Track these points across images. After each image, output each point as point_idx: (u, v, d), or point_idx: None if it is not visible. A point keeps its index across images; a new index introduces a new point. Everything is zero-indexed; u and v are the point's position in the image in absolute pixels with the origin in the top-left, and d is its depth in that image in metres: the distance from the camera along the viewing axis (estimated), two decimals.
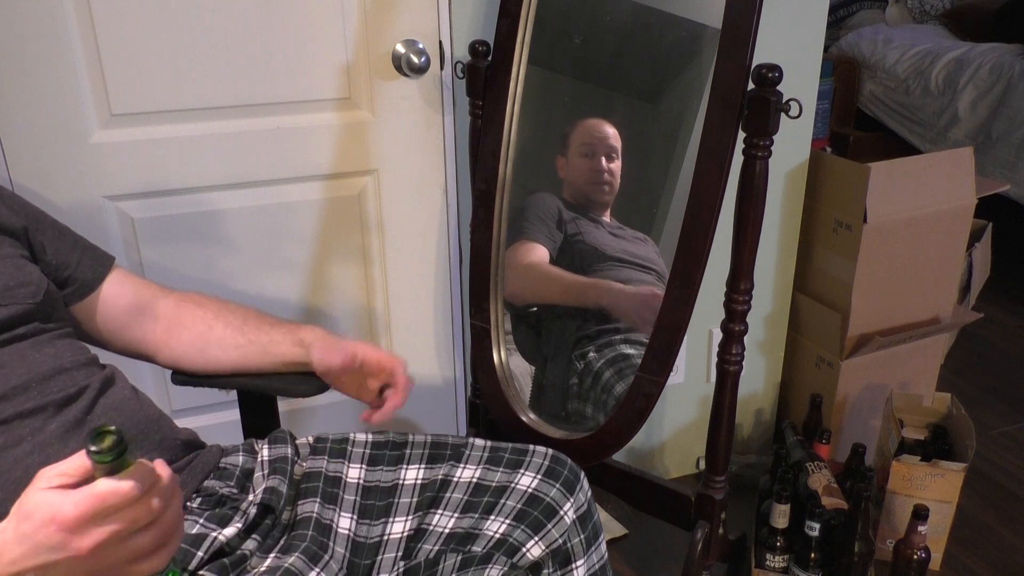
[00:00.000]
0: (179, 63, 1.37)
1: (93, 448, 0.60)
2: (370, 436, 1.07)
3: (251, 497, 0.95)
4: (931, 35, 3.48)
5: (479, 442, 1.06)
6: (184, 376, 1.11)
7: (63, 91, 1.33)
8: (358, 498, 1.00)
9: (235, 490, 0.97)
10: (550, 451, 1.04)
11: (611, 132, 1.43)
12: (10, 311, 0.89)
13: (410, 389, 1.10)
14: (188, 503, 0.93)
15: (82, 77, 1.33)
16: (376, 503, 1.00)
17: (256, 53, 1.41)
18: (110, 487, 0.59)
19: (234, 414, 1.19)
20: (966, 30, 3.48)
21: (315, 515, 0.95)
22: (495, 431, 1.59)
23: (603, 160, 1.43)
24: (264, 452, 1.02)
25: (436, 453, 1.04)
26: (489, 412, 1.56)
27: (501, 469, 1.01)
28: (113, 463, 0.60)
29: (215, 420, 1.62)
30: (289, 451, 1.02)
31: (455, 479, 1.01)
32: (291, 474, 0.99)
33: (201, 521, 0.90)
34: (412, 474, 1.02)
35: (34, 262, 0.99)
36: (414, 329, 1.73)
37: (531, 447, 1.04)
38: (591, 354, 1.45)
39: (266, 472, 0.99)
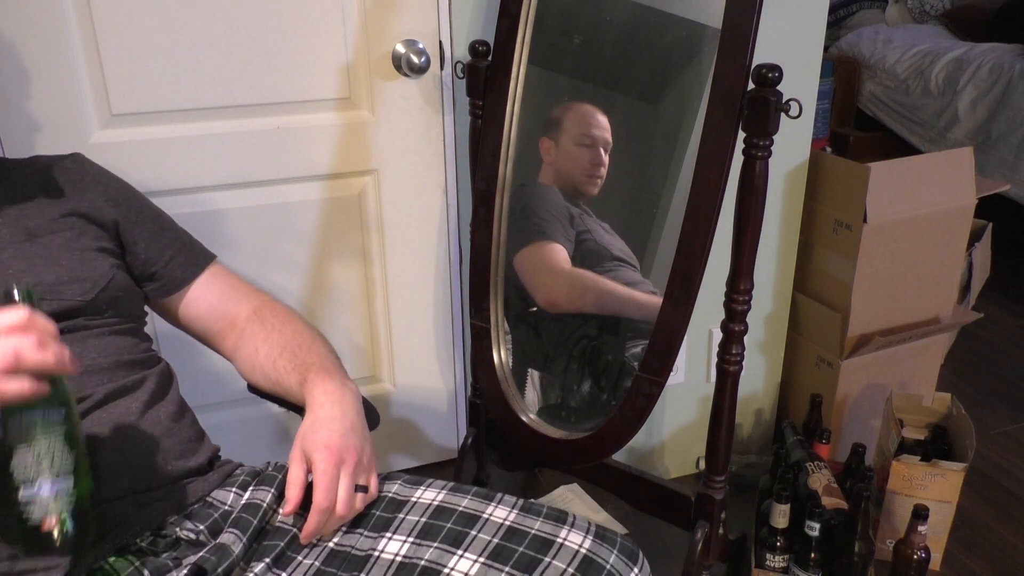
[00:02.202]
0: (179, 63, 1.37)
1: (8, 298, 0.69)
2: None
3: (204, 550, 0.86)
4: (931, 35, 3.48)
5: (497, 516, 0.86)
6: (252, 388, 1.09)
7: (63, 91, 1.33)
8: (317, 563, 0.87)
9: (199, 536, 0.89)
10: (586, 546, 0.81)
11: (606, 124, 1.42)
12: (51, 307, 0.88)
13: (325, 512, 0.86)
14: (138, 541, 0.86)
15: (82, 77, 1.33)
16: (338, 572, 0.86)
17: (256, 53, 1.41)
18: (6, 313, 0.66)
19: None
20: (966, 30, 3.48)
21: None
22: (495, 431, 1.59)
23: (601, 151, 1.42)
24: (246, 494, 0.94)
25: (434, 525, 0.86)
26: (489, 412, 1.56)
27: (507, 569, 0.80)
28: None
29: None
30: (268, 498, 0.92)
31: (445, 570, 0.81)
32: (258, 527, 0.89)
33: (137, 564, 0.84)
34: (394, 547, 0.85)
35: (120, 256, 0.98)
36: (414, 329, 1.73)
37: (562, 535, 0.82)
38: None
39: (234, 517, 0.90)
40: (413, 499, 0.91)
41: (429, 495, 0.91)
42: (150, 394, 0.94)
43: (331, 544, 0.89)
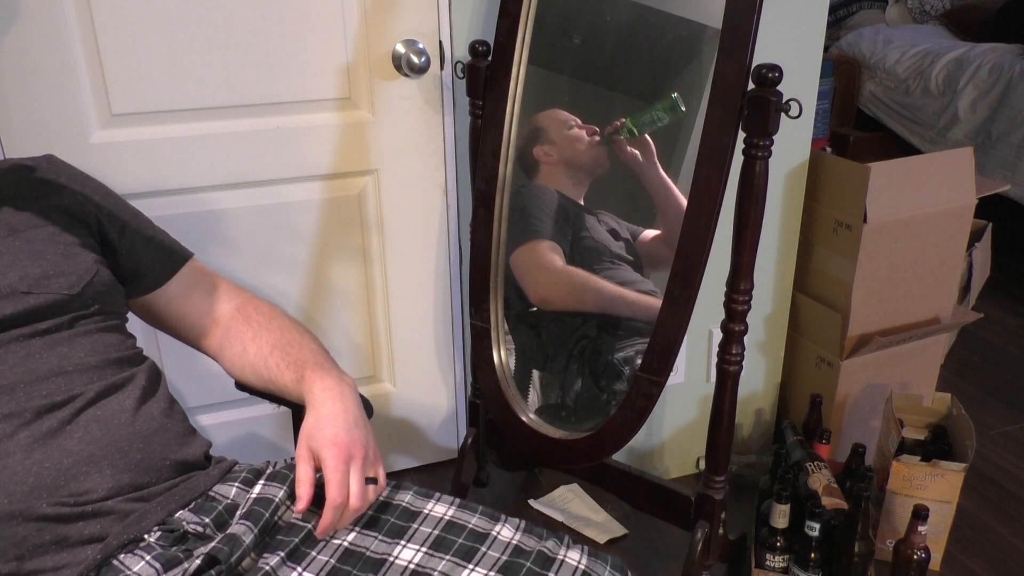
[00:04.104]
0: (179, 63, 1.37)
1: None
2: (385, 493, 0.96)
3: (215, 541, 0.86)
4: (931, 35, 3.48)
5: (504, 535, 0.90)
6: (241, 385, 1.09)
7: (63, 91, 1.33)
8: (333, 560, 0.88)
9: (205, 529, 0.89)
10: (583, 563, 0.87)
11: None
12: (38, 300, 0.88)
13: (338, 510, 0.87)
14: (146, 536, 0.87)
15: (82, 77, 1.33)
16: (353, 571, 0.87)
17: (256, 53, 1.41)
18: None
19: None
20: (966, 30, 3.48)
21: (269, 569, 0.85)
22: (495, 431, 1.59)
23: (589, 125, 1.42)
24: (256, 488, 0.94)
25: (446, 539, 0.90)
26: (489, 412, 1.56)
27: None
28: None
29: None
30: (280, 494, 0.93)
31: None
32: (269, 521, 0.90)
33: (148, 559, 0.84)
34: (408, 554, 0.88)
35: (100, 252, 0.99)
36: (414, 329, 1.73)
37: (562, 553, 0.88)
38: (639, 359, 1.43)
39: (244, 510, 0.90)
40: (425, 511, 0.93)
41: (440, 509, 0.94)
42: (141, 390, 0.94)
43: (346, 543, 0.90)
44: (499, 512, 0.95)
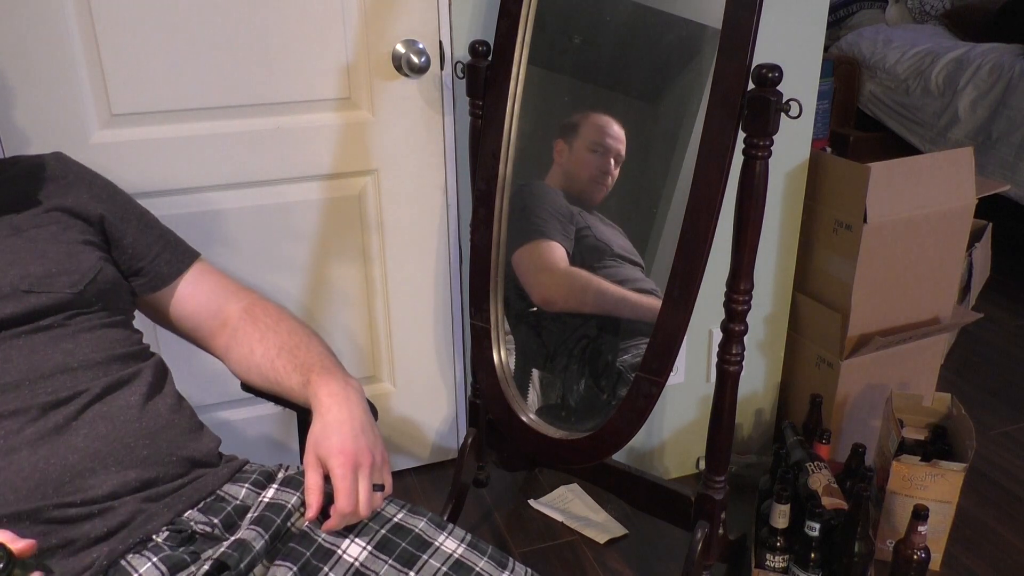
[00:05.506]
0: (179, 63, 1.38)
1: None
2: (400, 515, 0.94)
3: (224, 545, 0.85)
4: (931, 35, 3.48)
5: None
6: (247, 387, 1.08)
7: (63, 91, 1.33)
8: None
9: (214, 529, 0.89)
10: None
11: (622, 136, 1.42)
12: (41, 300, 0.88)
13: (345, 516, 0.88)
14: (154, 536, 0.86)
15: (82, 77, 1.33)
16: None
17: (256, 53, 1.41)
18: None
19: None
20: (966, 30, 3.48)
21: None
22: (495, 431, 1.59)
23: (612, 161, 1.43)
24: (269, 492, 0.94)
25: None
26: (489, 412, 1.56)
27: None
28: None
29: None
30: (293, 500, 0.93)
31: None
32: (281, 528, 0.90)
33: (155, 560, 0.83)
34: None
35: (106, 250, 0.99)
36: (414, 329, 1.73)
37: None
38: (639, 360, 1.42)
39: (255, 515, 0.89)
40: (436, 544, 0.92)
41: (451, 544, 0.92)
42: (148, 386, 0.93)
43: (357, 563, 0.88)
44: (507, 556, 0.93)
